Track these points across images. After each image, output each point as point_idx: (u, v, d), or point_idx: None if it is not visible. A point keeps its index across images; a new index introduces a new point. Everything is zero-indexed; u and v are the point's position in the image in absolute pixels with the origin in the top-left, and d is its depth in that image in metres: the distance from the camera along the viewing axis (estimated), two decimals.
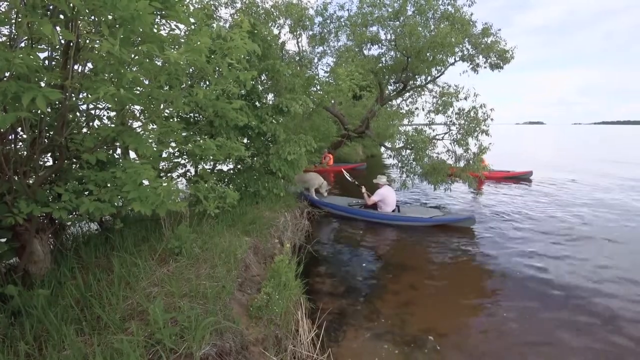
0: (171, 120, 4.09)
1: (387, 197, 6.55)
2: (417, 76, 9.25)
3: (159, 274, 2.62)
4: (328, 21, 9.34)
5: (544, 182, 10.90)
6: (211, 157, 3.90)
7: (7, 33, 2.19)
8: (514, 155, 21.17)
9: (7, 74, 1.72)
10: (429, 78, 9.31)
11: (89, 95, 2.16)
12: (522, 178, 11.24)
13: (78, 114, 2.76)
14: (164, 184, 2.32)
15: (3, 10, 1.99)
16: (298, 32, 9.18)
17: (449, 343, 3.00)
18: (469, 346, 2.98)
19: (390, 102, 10.85)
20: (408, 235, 5.92)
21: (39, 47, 2.28)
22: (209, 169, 5.41)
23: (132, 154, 3.46)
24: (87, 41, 2.10)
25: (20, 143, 2.46)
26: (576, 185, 10.48)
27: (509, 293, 3.89)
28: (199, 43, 2.16)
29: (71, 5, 1.76)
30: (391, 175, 8.33)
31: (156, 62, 2.43)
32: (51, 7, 2.05)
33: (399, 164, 7.94)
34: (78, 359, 1.68)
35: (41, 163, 2.68)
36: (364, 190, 6.91)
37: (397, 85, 10.10)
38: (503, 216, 7.05)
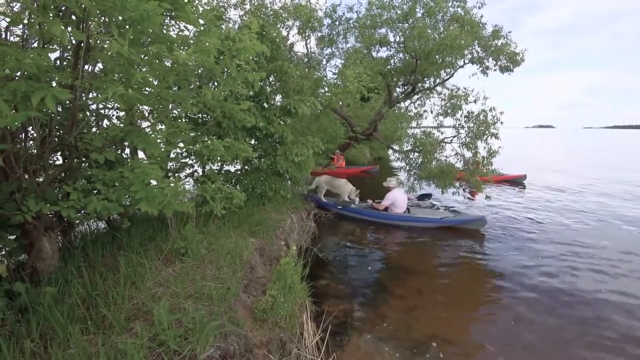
0: (179, 120, 4.11)
1: (397, 199, 6.52)
2: (425, 78, 9.15)
3: (164, 274, 2.62)
4: (337, 23, 9.31)
5: (539, 185, 10.90)
6: (218, 158, 3.90)
7: (20, 33, 2.23)
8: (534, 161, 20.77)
9: (18, 74, 1.74)
10: (437, 80, 9.20)
11: (99, 95, 2.18)
12: (516, 182, 11.37)
13: (88, 113, 2.79)
14: (172, 184, 2.32)
15: (16, 10, 2.02)
16: (306, 33, 9.17)
17: (453, 350, 2.94)
18: (473, 354, 2.92)
19: (398, 105, 10.77)
20: (415, 237, 5.87)
21: (50, 47, 2.31)
22: (216, 169, 5.43)
23: (142, 154, 3.49)
24: (98, 41, 2.12)
25: (31, 142, 2.49)
26: (580, 189, 10.36)
27: (518, 300, 3.81)
28: (207, 44, 2.16)
29: (82, 6, 1.77)
30: (400, 178, 8.26)
31: (165, 62, 2.44)
32: (63, 7, 2.07)
33: (407, 167, 7.88)
34: (82, 359, 1.68)
35: (51, 162, 2.71)
36: (370, 202, 6.87)
37: (406, 87, 10.01)
38: (508, 219, 6.98)
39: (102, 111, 2.88)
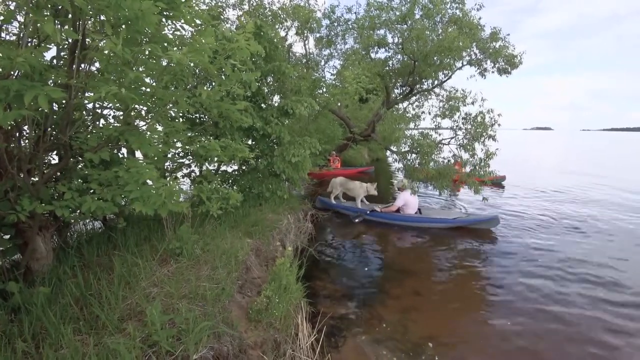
0: (177, 120, 4.11)
1: (409, 200, 6.56)
2: (424, 80, 9.18)
3: (159, 274, 2.61)
4: (335, 24, 9.33)
5: (535, 187, 10.96)
6: (215, 158, 3.90)
7: (17, 32, 2.22)
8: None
9: (12, 73, 1.74)
10: (435, 82, 9.24)
11: (93, 95, 2.17)
12: (495, 183, 11.25)
13: (85, 113, 2.78)
14: (167, 184, 2.32)
15: (12, 9, 2.02)
16: (305, 34, 9.18)
17: (449, 353, 2.93)
18: (470, 357, 2.91)
19: (396, 106, 10.80)
20: (414, 238, 5.87)
21: (47, 46, 2.30)
22: (213, 169, 5.42)
23: (140, 154, 3.47)
24: (93, 40, 2.11)
25: (26, 141, 2.47)
26: (578, 191, 10.37)
27: (516, 302, 3.80)
28: (203, 42, 2.15)
29: (76, 4, 1.76)
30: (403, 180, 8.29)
31: (162, 62, 2.44)
32: (60, 7, 2.06)
33: (404, 168, 7.89)
34: (74, 359, 1.67)
35: (46, 162, 2.70)
36: (379, 208, 6.79)
37: (404, 88, 10.04)
38: (512, 221, 6.96)
39: (99, 111, 2.88)
